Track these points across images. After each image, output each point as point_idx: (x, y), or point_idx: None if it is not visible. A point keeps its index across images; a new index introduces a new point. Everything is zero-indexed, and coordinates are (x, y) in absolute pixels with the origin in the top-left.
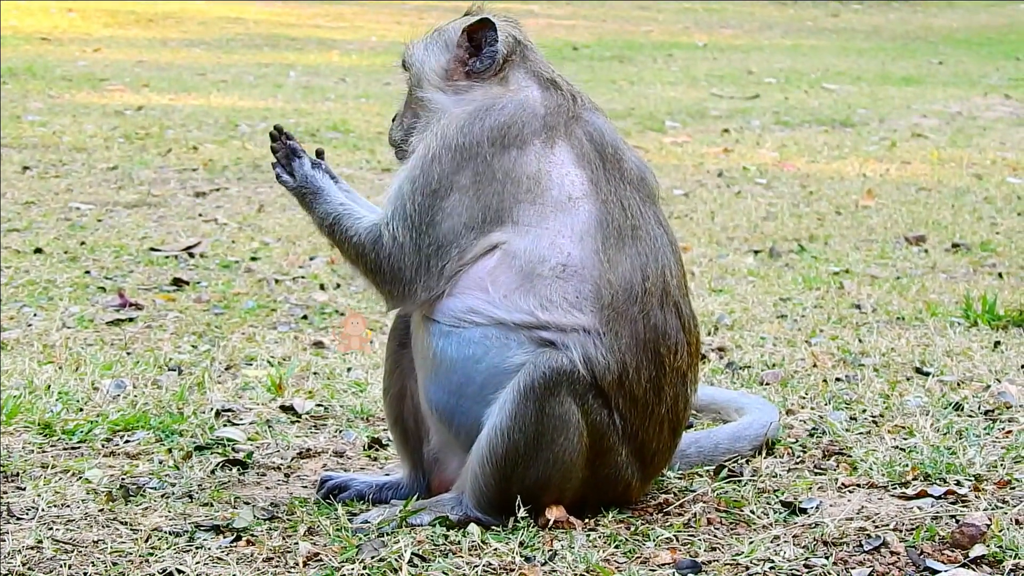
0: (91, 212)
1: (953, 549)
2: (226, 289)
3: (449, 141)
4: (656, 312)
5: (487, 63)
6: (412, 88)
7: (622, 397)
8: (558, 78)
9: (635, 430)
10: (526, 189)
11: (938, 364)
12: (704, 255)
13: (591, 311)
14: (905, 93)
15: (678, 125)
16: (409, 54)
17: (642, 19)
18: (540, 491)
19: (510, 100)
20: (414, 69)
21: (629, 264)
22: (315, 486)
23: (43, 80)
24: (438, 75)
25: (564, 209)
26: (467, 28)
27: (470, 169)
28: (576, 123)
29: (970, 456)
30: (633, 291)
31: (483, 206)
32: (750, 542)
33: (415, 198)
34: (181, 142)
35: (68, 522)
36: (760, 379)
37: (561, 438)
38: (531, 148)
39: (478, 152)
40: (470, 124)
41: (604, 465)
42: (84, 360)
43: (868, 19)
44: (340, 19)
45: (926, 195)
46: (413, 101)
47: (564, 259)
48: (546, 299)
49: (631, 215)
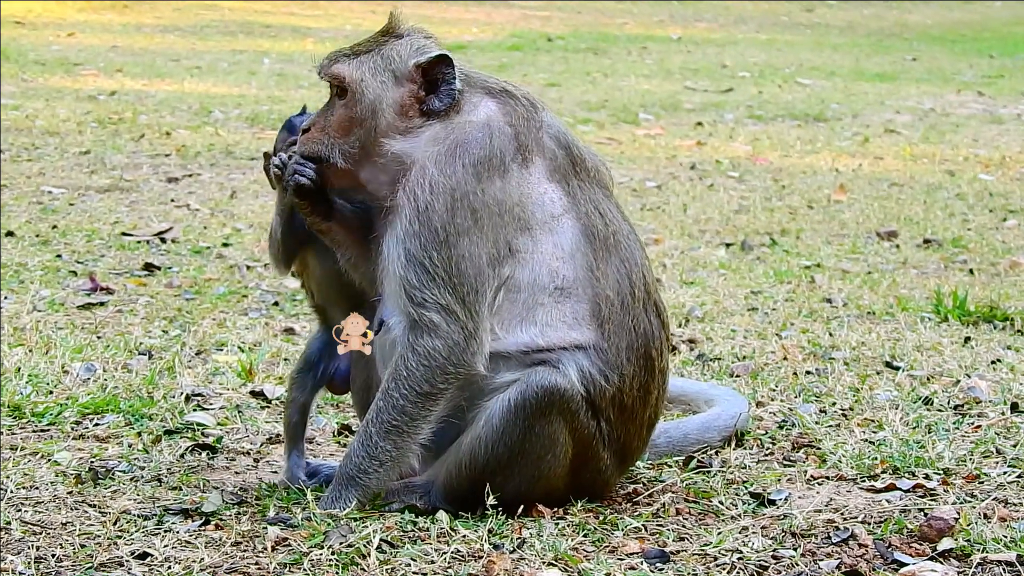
0: (63, 196)
1: (921, 542)
2: (197, 275)
3: (436, 188)
4: (642, 316)
5: (447, 102)
6: (352, 108)
7: (613, 407)
8: (507, 85)
9: (619, 434)
10: (516, 217)
11: (908, 359)
12: (676, 247)
13: (589, 328)
14: (879, 89)
15: (652, 118)
16: (352, 77)
17: (617, 11)
18: (521, 500)
19: (476, 128)
20: (364, 99)
21: (617, 274)
22: (284, 471)
23: (16, 64)
24: (394, 111)
25: (551, 229)
26: (422, 65)
27: (466, 209)
28: (541, 130)
29: (939, 450)
30: (625, 301)
31: (492, 240)
32: (718, 532)
33: (431, 255)
34: (154, 127)
35: (37, 504)
36: (730, 371)
37: (548, 455)
38: (511, 174)
39: (467, 191)
40: (451, 166)
41: (587, 470)
42: (54, 343)
43: (843, 15)
44: (315, 7)
45: (898, 191)
46: (349, 121)
47: (560, 282)
48: (546, 325)
49: (608, 220)
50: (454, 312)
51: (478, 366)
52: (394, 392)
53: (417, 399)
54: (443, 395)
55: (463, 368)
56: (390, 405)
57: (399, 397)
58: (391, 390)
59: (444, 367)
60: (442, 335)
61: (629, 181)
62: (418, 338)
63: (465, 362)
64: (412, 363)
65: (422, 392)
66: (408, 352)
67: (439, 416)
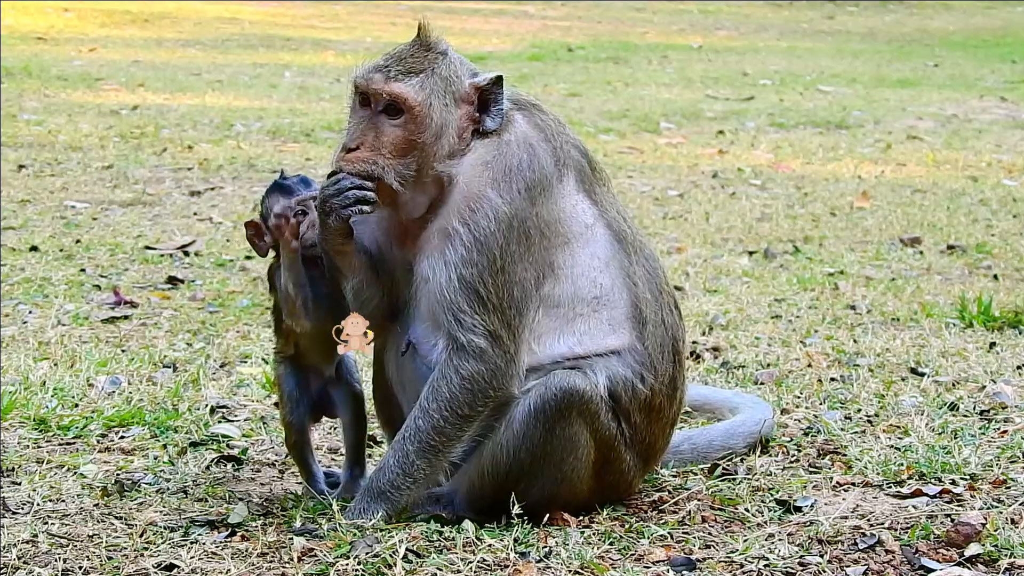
0: (86, 210)
1: (948, 548)
2: (221, 287)
3: (498, 216)
4: (668, 312)
5: (498, 122)
6: (414, 130)
7: (642, 409)
8: (531, 98)
9: (644, 436)
10: (557, 233)
11: (933, 364)
12: (699, 256)
13: (626, 331)
14: (901, 95)
15: (673, 126)
16: (418, 99)
17: (638, 20)
18: (545, 504)
19: (520, 148)
20: (431, 122)
21: (647, 275)
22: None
23: (39, 79)
24: (455, 134)
25: (586, 240)
26: (481, 87)
27: (521, 235)
28: (568, 142)
29: (965, 455)
30: (657, 299)
31: (539, 262)
32: (744, 540)
33: (486, 282)
34: (176, 141)
35: (63, 516)
36: (755, 379)
37: (570, 457)
38: (553, 192)
39: (524, 216)
40: (508, 192)
41: (610, 472)
42: (79, 357)
43: (864, 21)
44: (335, 19)
45: (921, 197)
46: (408, 143)
47: (598, 292)
48: (583, 334)
49: (628, 222)
50: (500, 337)
51: (513, 388)
52: (434, 413)
53: (456, 421)
54: (479, 416)
55: (502, 391)
56: (429, 425)
57: (439, 418)
58: (431, 410)
59: (485, 391)
60: (487, 360)
61: (651, 190)
62: (463, 362)
63: (504, 385)
64: (455, 385)
65: (462, 415)
66: (451, 374)
67: (471, 436)
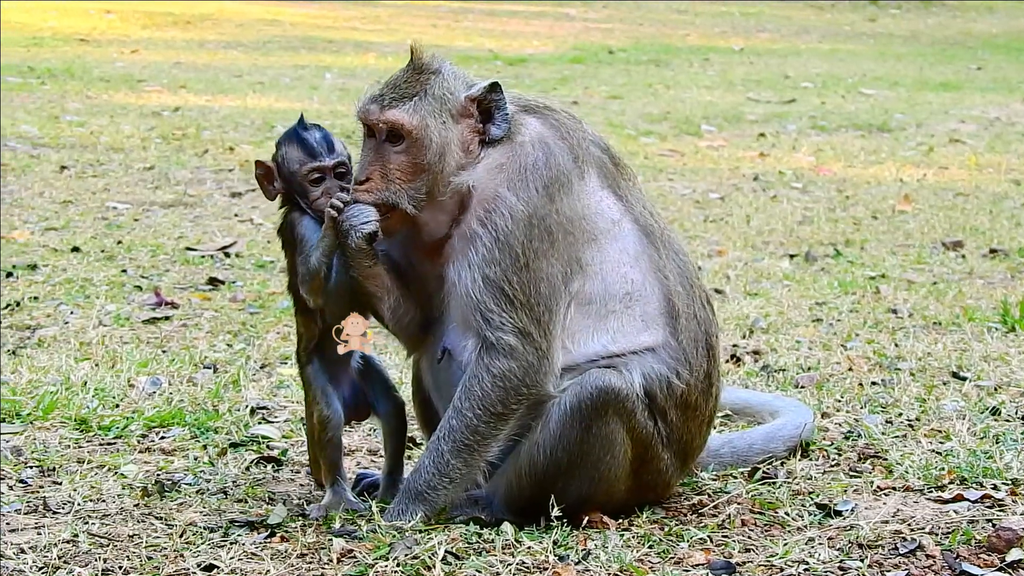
0: (128, 211)
1: (990, 553)
2: (261, 289)
3: (515, 214)
4: (700, 306)
5: (504, 128)
6: (416, 154)
7: (678, 407)
8: (543, 99)
9: (680, 434)
10: (583, 230)
11: (975, 369)
12: (740, 259)
13: (659, 327)
14: (943, 98)
15: (714, 129)
16: (413, 123)
17: (679, 23)
18: (582, 504)
19: (534, 148)
20: (431, 144)
21: (678, 268)
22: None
23: (81, 81)
24: (460, 149)
25: (614, 236)
26: (476, 98)
27: (543, 231)
28: (586, 140)
29: (1007, 460)
30: (689, 293)
31: (566, 258)
32: (784, 543)
33: (510, 279)
34: (218, 143)
35: (104, 516)
36: (795, 382)
37: (607, 456)
38: (574, 189)
39: (544, 213)
40: (524, 191)
41: (648, 471)
42: (120, 357)
43: (906, 24)
44: (376, 21)
45: (964, 200)
46: (415, 167)
47: (629, 287)
48: (617, 331)
49: (656, 216)
50: (530, 334)
51: (548, 386)
52: (468, 412)
53: (490, 419)
54: (514, 415)
55: (535, 389)
56: (463, 424)
57: (473, 417)
58: (464, 410)
59: (518, 388)
60: (518, 357)
61: (692, 193)
62: (493, 360)
63: (538, 383)
64: (487, 384)
65: (495, 413)
66: (483, 373)
67: (508, 435)
